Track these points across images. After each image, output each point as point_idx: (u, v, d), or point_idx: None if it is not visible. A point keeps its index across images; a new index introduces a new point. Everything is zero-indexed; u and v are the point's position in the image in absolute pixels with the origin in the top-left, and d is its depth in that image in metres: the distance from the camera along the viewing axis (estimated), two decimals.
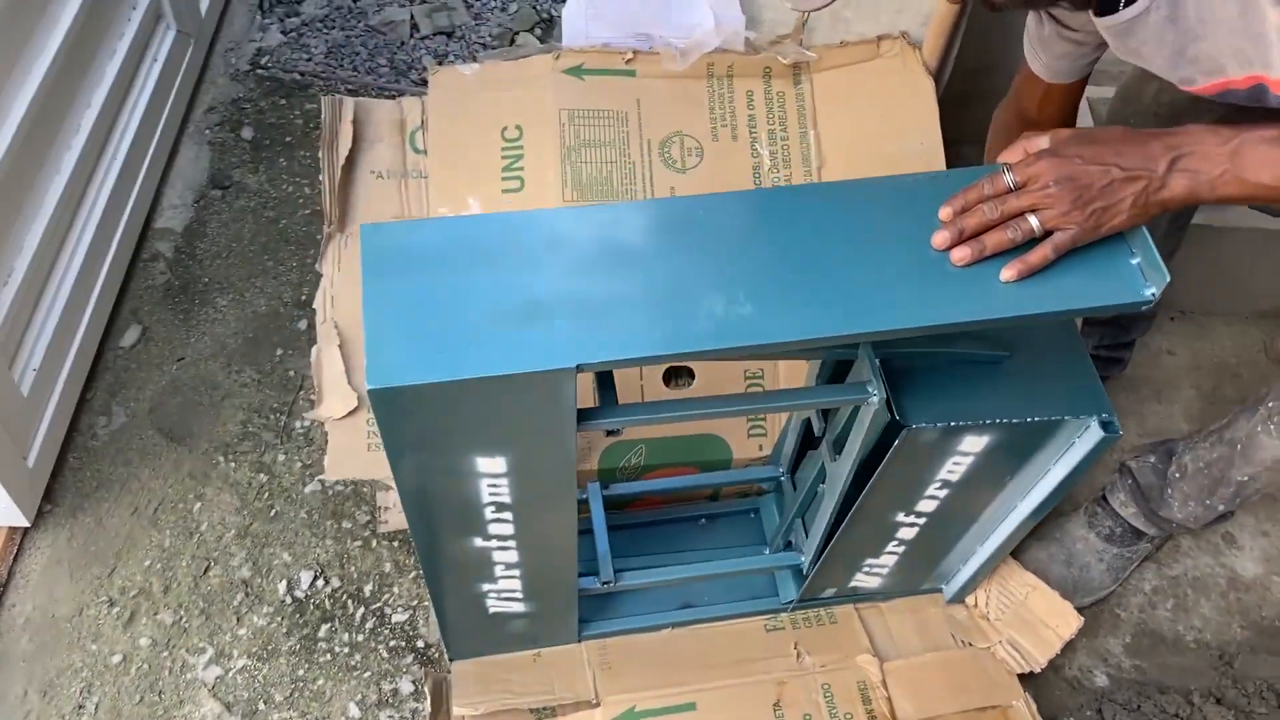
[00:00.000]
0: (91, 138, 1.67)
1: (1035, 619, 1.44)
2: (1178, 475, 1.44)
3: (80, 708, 1.42)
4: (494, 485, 1.04)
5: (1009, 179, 0.97)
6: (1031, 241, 0.96)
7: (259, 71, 2.19)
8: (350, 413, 1.45)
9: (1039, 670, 1.42)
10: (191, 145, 2.06)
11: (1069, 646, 1.55)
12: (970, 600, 1.49)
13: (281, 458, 1.67)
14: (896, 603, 1.49)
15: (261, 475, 1.65)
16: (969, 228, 0.96)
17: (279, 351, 1.79)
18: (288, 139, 2.08)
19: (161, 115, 1.93)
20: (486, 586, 1.24)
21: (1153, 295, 0.96)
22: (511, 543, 1.15)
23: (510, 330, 0.90)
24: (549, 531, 1.15)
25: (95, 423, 1.69)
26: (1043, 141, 0.99)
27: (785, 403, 1.14)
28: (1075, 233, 0.95)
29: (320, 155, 1.54)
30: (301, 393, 1.74)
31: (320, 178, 1.56)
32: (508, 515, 1.10)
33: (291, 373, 1.76)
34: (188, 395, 1.74)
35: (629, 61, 1.54)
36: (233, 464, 1.66)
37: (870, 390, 1.06)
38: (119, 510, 1.60)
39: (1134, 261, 0.98)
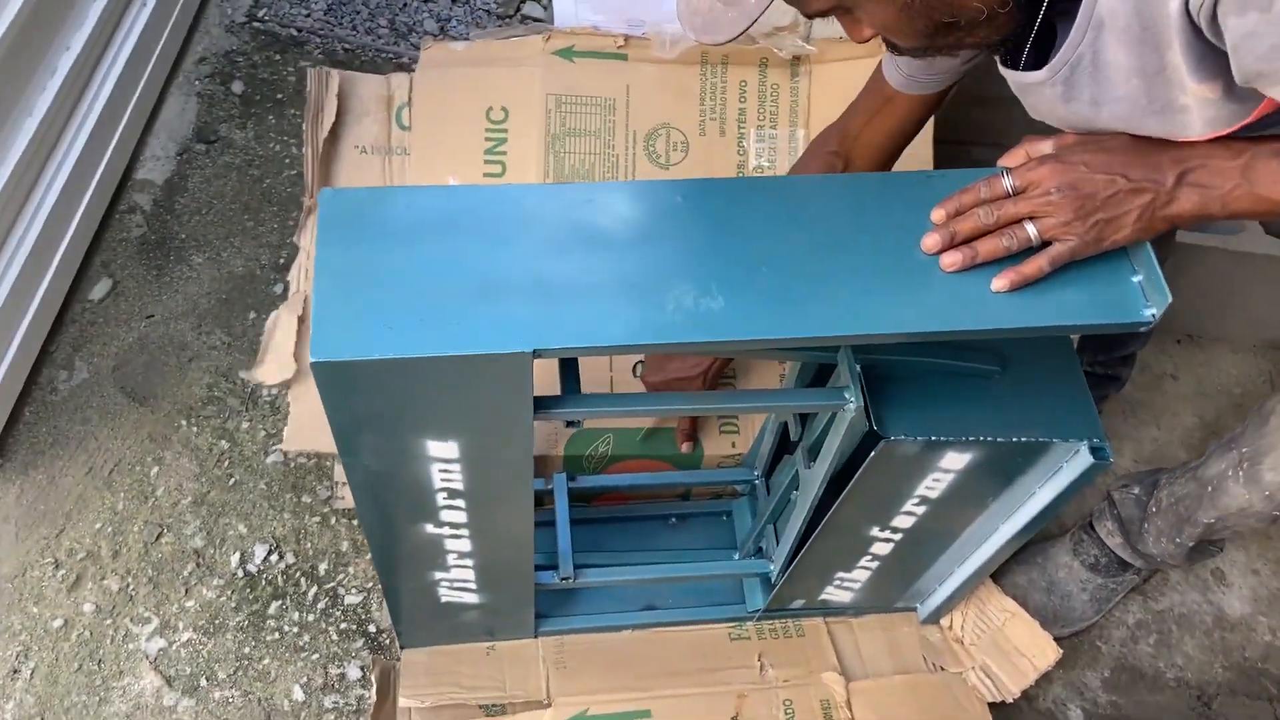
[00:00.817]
0: (68, 81, 1.61)
1: (1011, 647, 1.38)
2: (1154, 510, 1.39)
3: (15, 672, 1.37)
4: (446, 470, 0.99)
5: (1007, 183, 0.91)
6: (1028, 251, 0.90)
7: (255, 24, 2.13)
8: (293, 382, 1.41)
9: (1011, 701, 1.37)
10: (179, 96, 1.99)
11: (1045, 677, 1.49)
12: (945, 622, 1.44)
13: (245, 425, 1.62)
14: (868, 619, 1.44)
15: (223, 442, 1.60)
16: (962, 232, 0.90)
17: (251, 315, 1.73)
18: (279, 96, 2.02)
19: (148, 63, 1.86)
20: (438, 575, 1.19)
21: (1153, 316, 0.90)
22: (464, 531, 1.10)
23: (466, 309, 0.84)
24: (504, 522, 1.10)
25: (56, 376, 1.63)
26: (1046, 146, 0.93)
27: (756, 403, 1.08)
28: (1075, 245, 0.89)
29: (304, 128, 1.49)
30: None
31: (304, 150, 1.50)
32: (460, 502, 1.04)
33: (263, 337, 1.70)
34: (154, 354, 1.68)
35: (620, 46, 1.48)
36: (195, 428, 1.61)
37: (847, 397, 1.00)
38: (73, 469, 1.55)
39: (1135, 279, 0.92)
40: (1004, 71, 0.98)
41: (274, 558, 1.50)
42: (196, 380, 1.66)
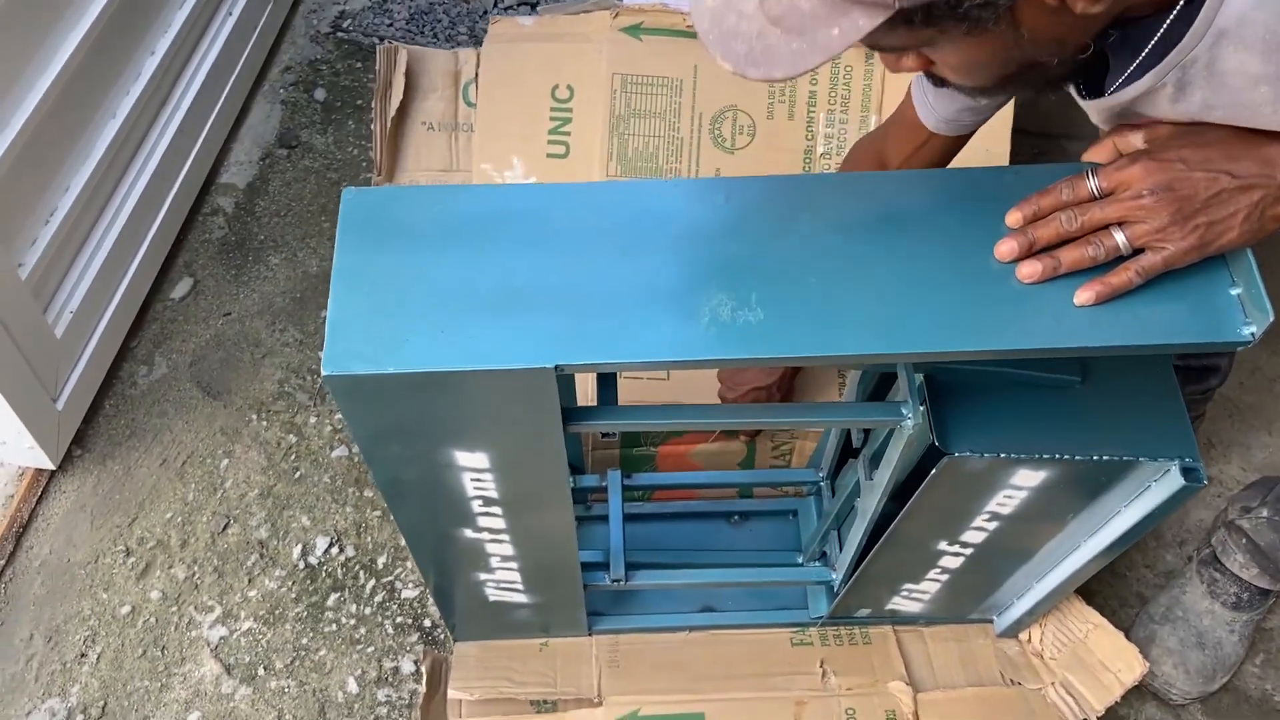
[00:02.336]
0: (151, 85, 1.66)
1: (1095, 661, 1.28)
2: None
3: (83, 656, 1.40)
4: (478, 480, 0.94)
5: (1093, 184, 0.80)
6: (1116, 260, 0.80)
7: (339, 34, 2.17)
8: None
9: (1094, 719, 1.27)
10: (264, 103, 2.04)
11: (1137, 695, 1.39)
12: (1024, 635, 1.35)
13: (313, 420, 1.63)
14: (941, 629, 1.36)
15: (291, 436, 1.61)
16: (1042, 239, 0.80)
17: (323, 313, 1.73)
18: (359, 102, 2.05)
19: (233, 71, 1.92)
20: (483, 576, 1.16)
21: (1252, 336, 0.79)
22: (505, 537, 1.06)
23: (486, 321, 0.79)
24: (544, 527, 1.06)
25: (136, 371, 1.68)
26: (1137, 140, 0.82)
27: (809, 418, 1.00)
28: (1170, 253, 0.78)
29: (373, 104, 1.50)
30: None
31: (372, 126, 1.52)
32: (497, 510, 1.00)
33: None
34: (230, 351, 1.71)
35: (690, 24, 1.44)
36: (264, 423, 1.63)
37: (905, 413, 0.92)
38: (148, 460, 1.58)
39: (1234, 292, 0.80)
40: (1085, 104, 0.88)
41: (335, 550, 1.50)
42: (268, 376, 1.68)
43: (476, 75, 1.52)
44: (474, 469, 0.92)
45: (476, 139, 1.48)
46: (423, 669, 1.29)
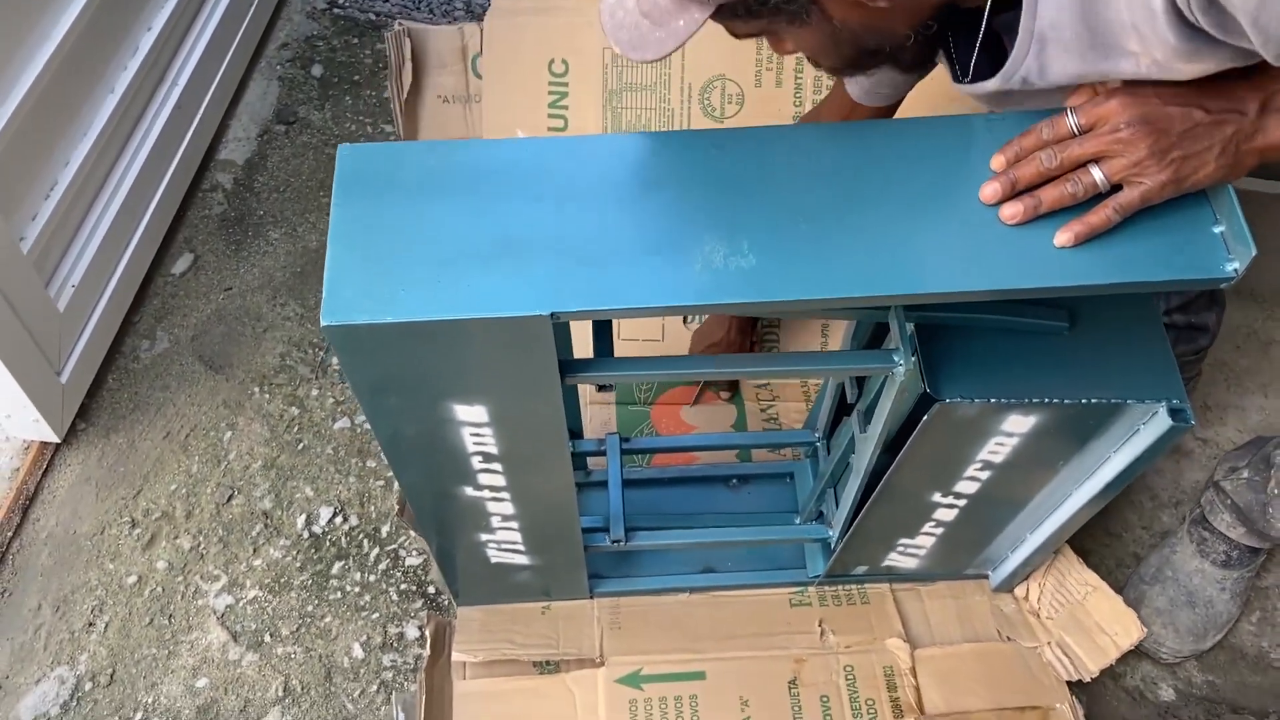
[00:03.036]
0: (148, 61, 1.66)
1: (1093, 623, 1.29)
2: (1276, 490, 1.28)
3: (90, 625, 1.41)
4: (478, 434, 0.96)
5: (1073, 122, 0.81)
6: (1096, 200, 0.81)
7: (335, 10, 2.17)
8: None
9: (1089, 679, 1.28)
10: (261, 80, 2.05)
11: (1134, 654, 1.40)
12: (1021, 592, 1.36)
13: (315, 393, 1.65)
14: (938, 587, 1.37)
15: (294, 409, 1.63)
16: (1023, 179, 0.82)
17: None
18: (355, 78, 2.05)
19: (229, 47, 1.92)
20: (484, 537, 1.18)
21: (1235, 271, 0.80)
22: (505, 494, 1.08)
23: (482, 270, 0.80)
24: (544, 485, 1.07)
25: (138, 346, 1.69)
26: (1115, 80, 0.83)
27: (801, 366, 1.02)
28: (1147, 188, 0.79)
29: (389, 83, 1.55)
30: None
31: (390, 105, 1.56)
32: (496, 466, 1.02)
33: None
34: (231, 325, 1.72)
35: None
36: (267, 395, 1.64)
37: (897, 360, 0.93)
38: (151, 433, 1.59)
39: (1217, 230, 0.82)
40: (956, 87, 0.92)
41: (338, 520, 1.51)
42: (270, 350, 1.69)
43: (481, 48, 1.54)
44: (473, 423, 0.93)
45: (484, 111, 1.51)
46: (427, 633, 1.31)
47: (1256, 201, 1.63)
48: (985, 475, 1.09)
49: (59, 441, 1.54)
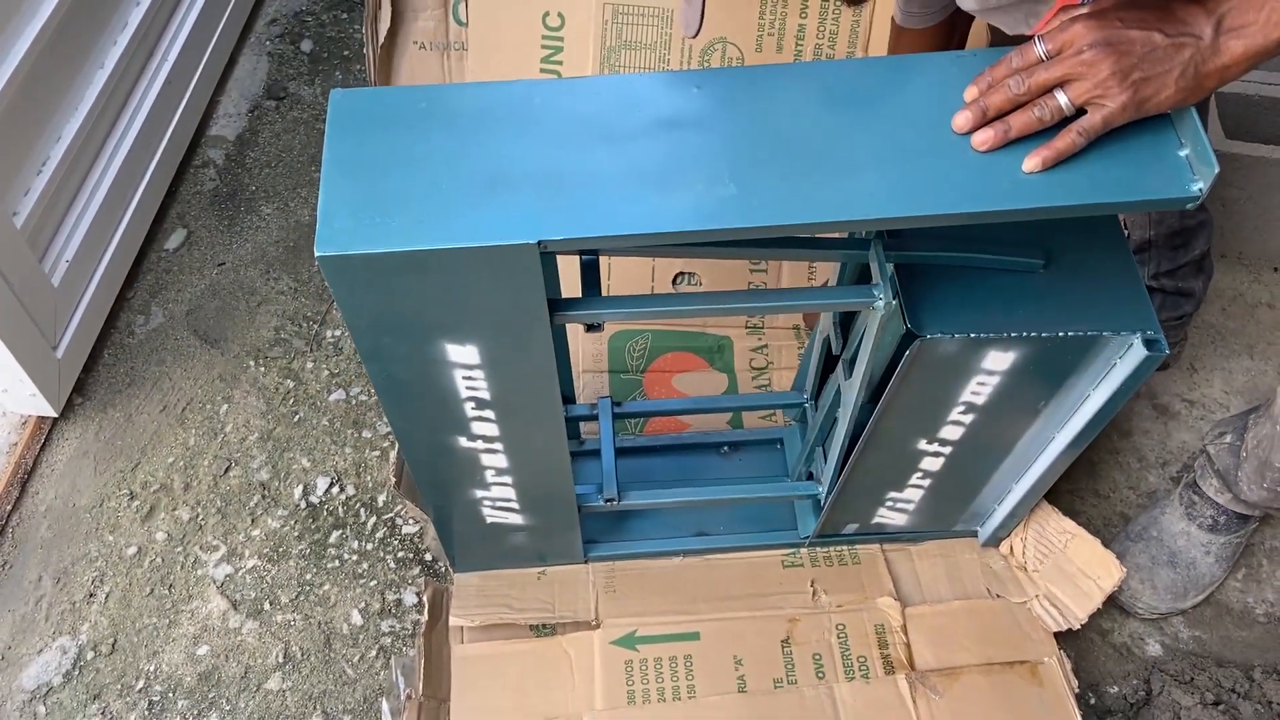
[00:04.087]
0: (138, 36, 1.66)
1: (1075, 569, 1.31)
2: (1244, 455, 1.30)
3: (91, 596, 1.43)
4: (470, 378, 0.98)
5: (1040, 49, 0.85)
6: (1063, 125, 0.84)
7: None
8: None
9: (1078, 627, 1.30)
10: (251, 56, 2.05)
11: (1121, 610, 1.43)
12: (1007, 548, 1.38)
13: (310, 366, 1.66)
14: (928, 545, 1.39)
15: (289, 381, 1.64)
16: (993, 106, 0.85)
17: (317, 263, 1.77)
18: (345, 53, 2.06)
19: (218, 23, 1.92)
20: (479, 493, 1.20)
21: (1200, 191, 0.83)
22: (498, 445, 1.10)
23: (472, 204, 0.83)
24: (536, 435, 1.09)
25: (133, 321, 1.70)
26: (1082, 7, 0.86)
27: (784, 302, 1.05)
28: (1110, 111, 0.82)
29: (364, 28, 1.51)
30: (335, 303, 1.72)
31: (364, 50, 1.53)
32: (489, 414, 1.04)
33: (327, 283, 1.74)
34: (225, 299, 1.73)
35: None
36: (262, 368, 1.65)
37: (876, 294, 0.96)
38: (148, 407, 1.61)
39: (1182, 153, 0.85)
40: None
41: (335, 490, 1.53)
42: (264, 323, 1.70)
43: None
44: (465, 365, 0.95)
45: (469, 65, 1.48)
46: (424, 599, 1.33)
47: (1249, 166, 1.65)
48: (969, 419, 1.11)
49: (56, 416, 1.55)
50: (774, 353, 1.56)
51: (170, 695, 1.35)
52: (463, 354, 0.95)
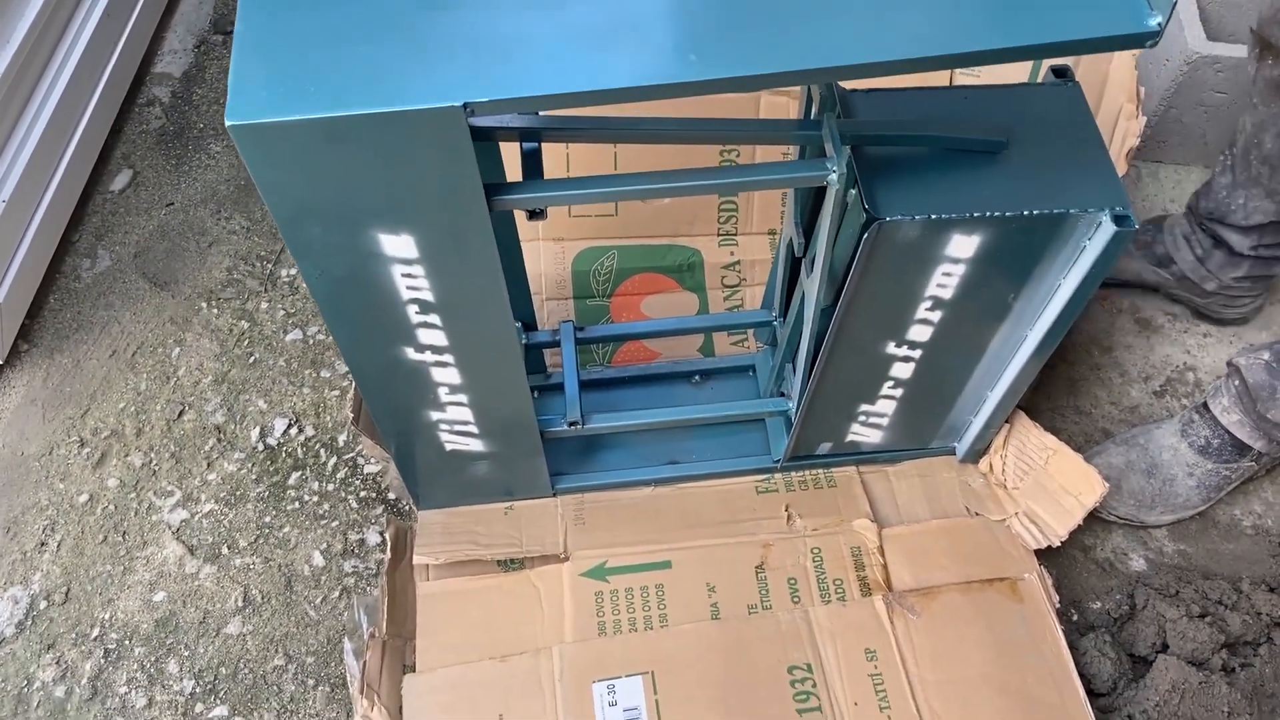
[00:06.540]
0: None
1: (1056, 486, 1.27)
2: None
3: (43, 545, 1.38)
4: (409, 275, 0.92)
5: None
6: None
7: None
8: None
9: (1058, 544, 1.26)
10: None
11: (1103, 526, 1.39)
12: (986, 465, 1.34)
13: (264, 306, 1.60)
14: (905, 465, 1.35)
15: (243, 322, 1.58)
16: None
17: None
18: None
19: None
20: (435, 414, 1.14)
21: (1159, 25, 0.80)
22: (449, 357, 1.04)
23: (395, 69, 0.77)
24: (487, 343, 1.03)
25: (79, 265, 1.63)
26: None
27: (737, 179, 0.99)
28: None
29: None
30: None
31: None
32: (435, 319, 0.98)
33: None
34: (175, 241, 1.67)
35: None
36: (215, 310, 1.59)
37: (830, 167, 0.91)
38: (97, 352, 1.55)
39: None
40: None
41: (293, 431, 1.48)
42: (216, 264, 1.64)
43: None
44: (403, 259, 0.89)
45: None
46: (387, 537, 1.28)
47: (1231, 68, 1.59)
48: (937, 317, 1.07)
49: (0, 364, 1.49)
50: (746, 268, 1.51)
51: (127, 643, 1.30)
52: (398, 246, 0.89)
